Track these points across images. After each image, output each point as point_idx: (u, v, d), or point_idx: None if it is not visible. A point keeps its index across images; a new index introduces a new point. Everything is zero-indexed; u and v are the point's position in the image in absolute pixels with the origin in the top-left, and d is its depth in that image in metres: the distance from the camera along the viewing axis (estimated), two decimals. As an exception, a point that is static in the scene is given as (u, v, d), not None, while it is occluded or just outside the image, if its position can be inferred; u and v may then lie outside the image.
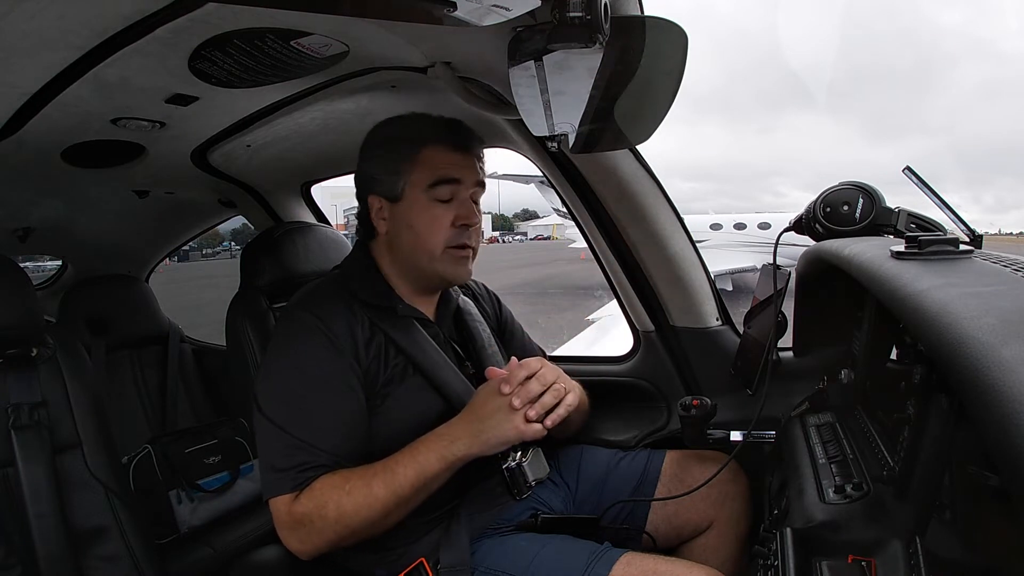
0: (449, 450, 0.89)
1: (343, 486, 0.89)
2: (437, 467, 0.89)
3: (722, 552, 1.09)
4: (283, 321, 1.07)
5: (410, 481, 0.88)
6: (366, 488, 0.88)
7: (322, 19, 0.85)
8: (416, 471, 0.88)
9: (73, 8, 0.76)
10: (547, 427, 0.93)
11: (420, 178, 1.00)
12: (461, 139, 1.02)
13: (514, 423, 0.89)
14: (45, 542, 1.05)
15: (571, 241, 17.28)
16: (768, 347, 1.09)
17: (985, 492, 0.53)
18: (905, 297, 0.57)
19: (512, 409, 0.89)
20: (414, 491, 0.89)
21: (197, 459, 1.75)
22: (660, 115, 0.87)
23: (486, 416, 0.91)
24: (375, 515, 0.88)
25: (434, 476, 0.89)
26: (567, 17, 0.65)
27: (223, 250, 22.66)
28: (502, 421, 0.89)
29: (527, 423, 0.89)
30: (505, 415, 0.89)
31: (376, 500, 0.88)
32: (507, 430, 0.89)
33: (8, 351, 1.11)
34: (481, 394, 0.94)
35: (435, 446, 0.90)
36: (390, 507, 0.88)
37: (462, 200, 1.00)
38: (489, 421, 0.90)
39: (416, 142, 1.00)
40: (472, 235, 1.02)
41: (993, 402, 0.37)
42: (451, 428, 0.92)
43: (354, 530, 0.89)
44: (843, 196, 1.01)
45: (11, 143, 1.14)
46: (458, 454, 0.89)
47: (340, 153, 1.54)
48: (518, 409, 0.89)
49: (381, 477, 0.89)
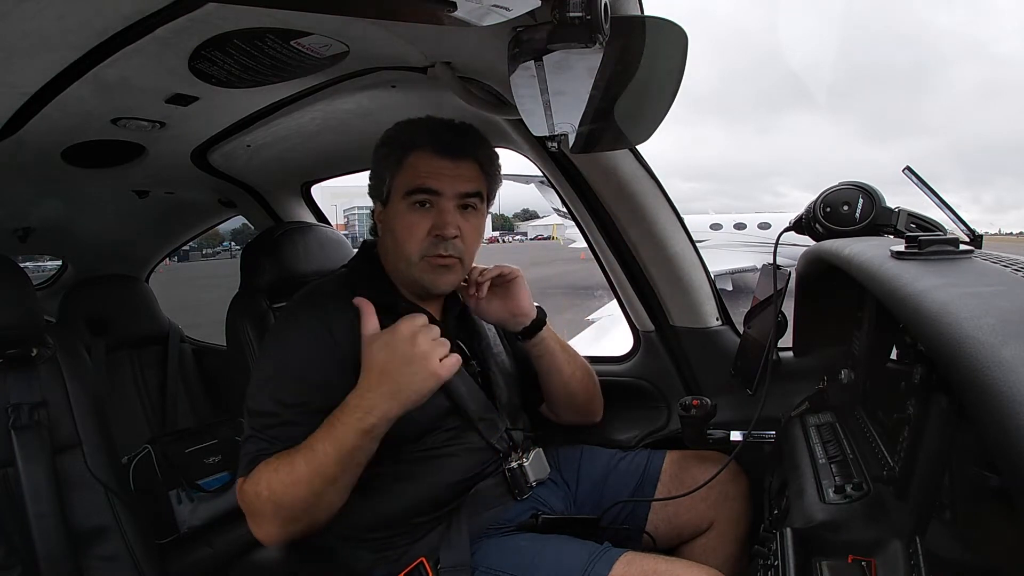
0: (366, 420, 0.85)
1: (272, 464, 0.88)
2: (356, 440, 0.85)
3: (722, 552, 1.09)
4: (282, 316, 1.07)
5: (331, 458, 0.85)
6: (289, 467, 0.86)
7: (322, 19, 0.85)
8: (335, 447, 0.85)
9: (73, 8, 0.76)
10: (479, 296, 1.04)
11: (400, 185, 1.00)
12: (452, 144, 1.00)
13: (428, 368, 0.85)
14: (45, 542, 1.05)
15: (571, 241, 17.27)
16: (768, 347, 1.09)
17: (985, 492, 0.53)
18: (905, 297, 0.57)
19: (416, 353, 0.85)
20: (339, 467, 0.86)
21: (197, 459, 1.75)
22: (660, 115, 0.87)
23: (394, 371, 0.86)
24: (303, 493, 0.86)
25: (356, 448, 0.86)
26: (567, 17, 0.65)
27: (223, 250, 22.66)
28: (415, 372, 0.85)
29: (441, 362, 0.86)
30: (413, 364, 0.85)
31: (300, 478, 0.86)
32: (425, 379, 0.86)
33: (8, 351, 1.11)
34: (380, 347, 0.88)
35: (349, 420, 0.86)
36: (316, 485, 0.86)
37: (441, 209, 0.98)
38: (400, 376, 0.85)
39: (405, 147, 1.00)
40: (451, 246, 0.99)
41: (993, 402, 0.37)
42: (362, 398, 0.86)
43: (291, 511, 0.88)
44: (843, 196, 1.01)
45: (11, 143, 1.14)
46: (375, 421, 0.85)
47: (340, 153, 1.54)
48: (426, 349, 0.85)
49: (303, 455, 0.86)
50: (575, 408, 1.21)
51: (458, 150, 1.00)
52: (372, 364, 0.88)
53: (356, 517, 0.98)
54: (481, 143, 1.04)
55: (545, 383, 1.17)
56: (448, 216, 0.98)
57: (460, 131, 1.03)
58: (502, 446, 1.05)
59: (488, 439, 1.04)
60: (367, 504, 0.98)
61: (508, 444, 1.07)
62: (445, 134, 1.01)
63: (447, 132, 1.01)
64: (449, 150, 0.99)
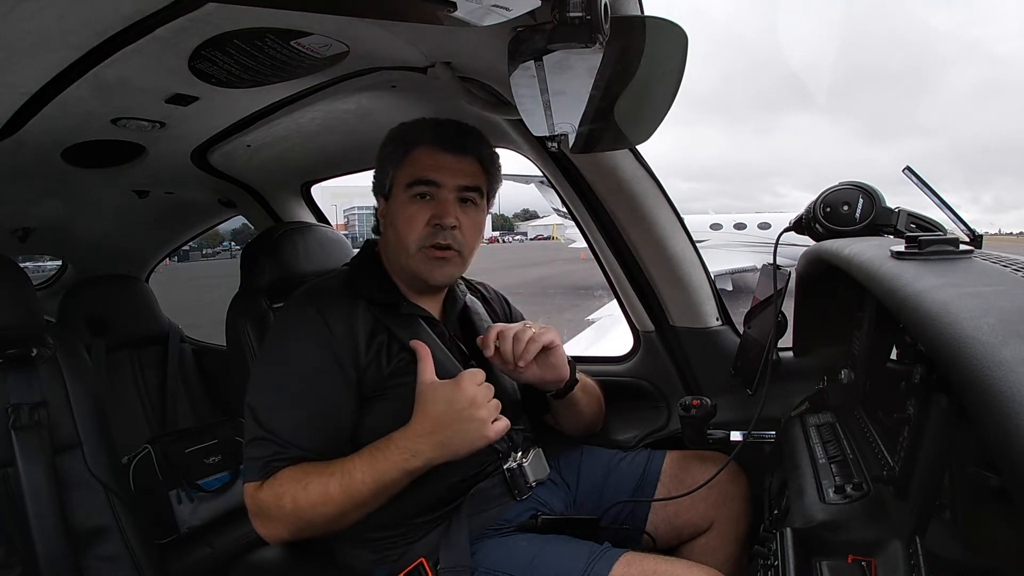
0: (411, 463, 0.88)
1: (301, 481, 0.89)
2: (397, 477, 0.88)
3: (722, 552, 1.09)
4: (282, 314, 1.08)
5: (368, 487, 0.88)
6: (322, 487, 0.88)
7: (322, 19, 0.85)
8: (374, 479, 0.88)
9: (73, 8, 0.76)
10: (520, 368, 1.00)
11: (402, 177, 1.02)
12: (453, 140, 1.02)
13: (481, 431, 0.88)
14: (45, 542, 1.05)
15: (571, 241, 17.27)
16: (768, 347, 1.09)
17: (985, 492, 0.53)
18: (905, 297, 0.57)
19: (474, 415, 0.88)
20: (372, 496, 0.88)
21: (197, 459, 1.75)
22: (660, 115, 0.87)
23: (448, 425, 0.88)
24: (330, 513, 0.88)
25: (393, 483, 0.89)
26: (567, 17, 0.65)
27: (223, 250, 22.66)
28: (468, 430, 0.88)
29: (492, 424, 0.89)
30: (469, 423, 0.88)
31: (331, 500, 0.88)
32: (474, 439, 0.88)
33: (8, 351, 1.11)
34: (439, 399, 0.90)
35: (394, 458, 0.88)
36: (346, 509, 0.88)
37: (441, 200, 1.00)
38: (453, 431, 0.88)
39: (408, 143, 1.02)
40: (450, 236, 1.00)
41: (993, 402, 0.37)
42: (411, 440, 0.89)
43: (311, 524, 0.90)
44: (843, 196, 1.01)
45: (11, 143, 1.14)
46: (420, 465, 0.88)
47: (340, 153, 1.54)
48: (484, 416, 0.88)
49: (338, 479, 0.88)
50: (582, 429, 1.23)
51: (460, 146, 1.02)
52: (428, 412, 0.89)
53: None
54: (483, 143, 1.06)
55: (559, 415, 1.19)
56: (448, 206, 1.00)
57: (463, 130, 1.04)
58: (502, 446, 1.05)
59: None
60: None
61: (508, 444, 1.07)
62: (448, 131, 1.03)
63: (450, 129, 1.03)
64: (451, 145, 1.01)
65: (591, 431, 1.24)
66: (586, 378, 1.19)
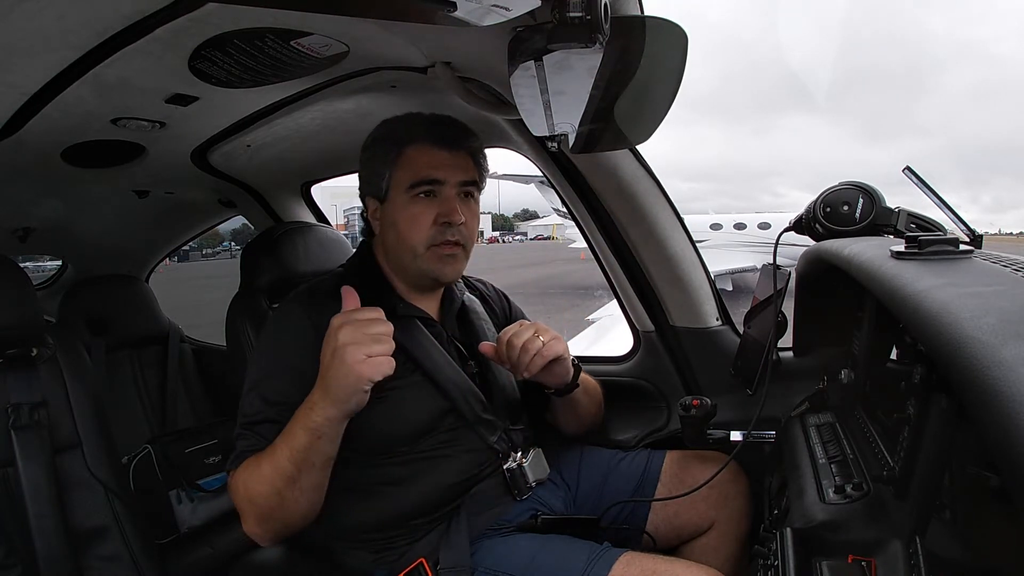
0: (309, 417, 0.84)
1: (247, 464, 0.90)
2: (305, 439, 0.84)
3: (722, 552, 1.09)
4: (275, 313, 1.08)
5: (286, 457, 0.85)
6: (257, 465, 0.88)
7: (322, 19, 0.85)
8: (289, 446, 0.85)
9: (73, 8, 0.76)
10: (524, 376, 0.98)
11: (401, 178, 1.00)
12: (446, 136, 1.01)
13: (353, 371, 0.81)
14: (45, 542, 1.05)
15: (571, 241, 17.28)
16: (768, 347, 1.09)
17: (985, 492, 0.53)
18: (905, 297, 0.57)
19: (344, 355, 0.81)
20: (294, 466, 0.85)
21: (197, 459, 1.75)
22: (660, 115, 0.87)
23: (327, 368, 0.83)
24: (266, 491, 0.87)
25: (307, 448, 0.84)
26: (567, 17, 0.65)
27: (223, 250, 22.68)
28: (339, 366, 0.82)
29: (366, 360, 0.81)
30: (341, 364, 0.81)
31: (264, 476, 0.87)
32: (345, 374, 0.82)
33: (8, 351, 1.11)
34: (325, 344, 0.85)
35: (299, 417, 0.85)
36: (277, 484, 0.86)
37: (445, 198, 1.00)
38: (331, 374, 0.82)
39: (399, 142, 1.01)
40: (457, 232, 1.00)
41: (993, 402, 0.37)
42: (310, 396, 0.86)
43: (262, 509, 0.89)
44: (843, 196, 1.01)
45: (11, 143, 1.14)
46: (319, 421, 0.84)
47: (340, 153, 1.54)
48: (345, 341, 0.81)
49: (266, 453, 0.88)
50: (582, 428, 1.23)
51: (453, 141, 1.02)
52: (322, 360, 0.86)
53: (356, 518, 0.98)
54: (471, 135, 1.05)
55: (559, 413, 1.19)
56: (453, 203, 1.00)
57: (451, 124, 1.04)
58: (501, 446, 1.05)
59: (487, 439, 1.04)
60: (367, 505, 0.98)
61: (507, 444, 1.07)
62: (438, 127, 1.02)
63: (440, 125, 1.03)
64: (445, 142, 1.01)
65: (589, 431, 1.24)
66: (589, 379, 1.19)
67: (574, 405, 1.15)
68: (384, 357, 0.83)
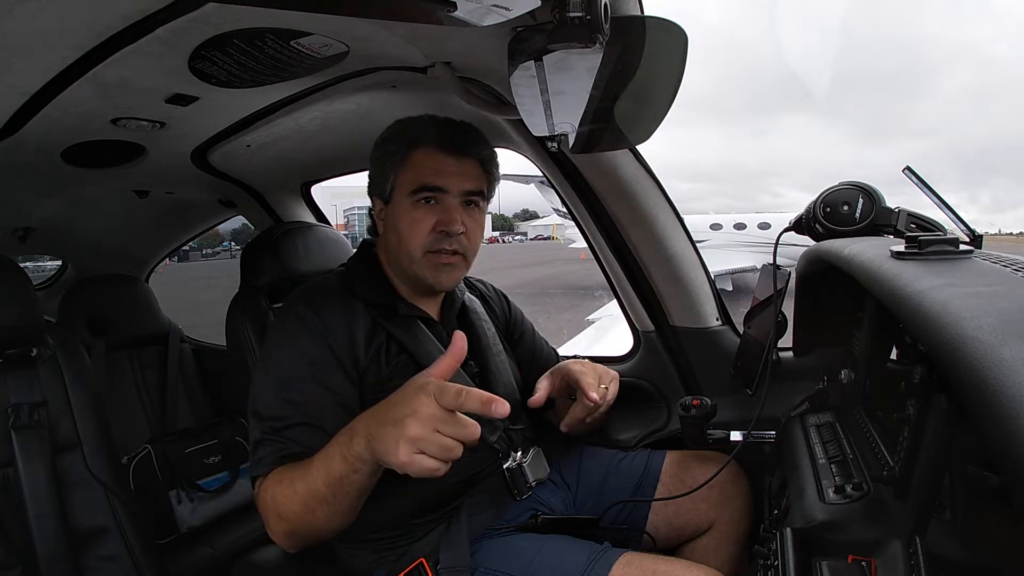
0: (348, 448, 0.78)
1: (280, 476, 0.87)
2: (340, 467, 0.79)
3: (722, 552, 1.09)
4: (280, 314, 1.08)
5: (322, 479, 0.81)
6: (290, 481, 0.85)
7: (322, 19, 0.85)
8: (324, 469, 0.81)
9: (73, 8, 0.76)
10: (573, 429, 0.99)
11: (405, 181, 1.00)
12: (455, 142, 1.00)
13: (399, 449, 0.71)
14: (45, 542, 1.05)
15: (571, 241, 17.28)
16: (768, 347, 1.09)
17: (985, 492, 0.53)
18: (905, 297, 0.57)
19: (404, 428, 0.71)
20: (328, 490, 0.81)
21: (197, 459, 1.76)
22: (660, 115, 0.87)
23: (384, 417, 0.75)
24: (298, 508, 0.84)
25: (342, 476, 0.79)
26: (567, 17, 0.65)
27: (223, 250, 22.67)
28: (390, 439, 0.72)
29: (415, 456, 0.71)
30: (393, 429, 0.72)
31: (296, 495, 0.84)
32: (390, 452, 0.72)
33: (8, 351, 1.11)
34: (401, 390, 0.76)
35: (338, 441, 0.81)
36: (311, 503, 0.83)
37: (446, 206, 0.99)
38: (385, 428, 0.74)
39: (408, 144, 1.00)
40: (456, 241, 0.99)
41: (993, 402, 0.37)
42: (357, 421, 0.80)
43: (291, 523, 0.86)
44: (843, 196, 1.01)
45: (11, 143, 1.14)
46: (356, 453, 0.77)
47: (340, 153, 1.54)
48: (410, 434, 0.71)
49: (301, 472, 0.84)
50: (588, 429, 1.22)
51: (462, 148, 1.00)
52: (391, 397, 0.77)
53: (356, 518, 0.98)
54: (483, 142, 1.04)
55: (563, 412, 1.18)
56: (454, 212, 0.99)
57: (463, 129, 1.03)
58: (501, 446, 1.05)
59: (486, 439, 1.04)
60: (367, 506, 0.97)
61: (507, 444, 1.07)
62: (449, 131, 1.01)
63: (451, 129, 1.01)
64: (453, 147, 1.00)
65: (592, 430, 1.24)
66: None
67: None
68: (437, 464, 0.72)
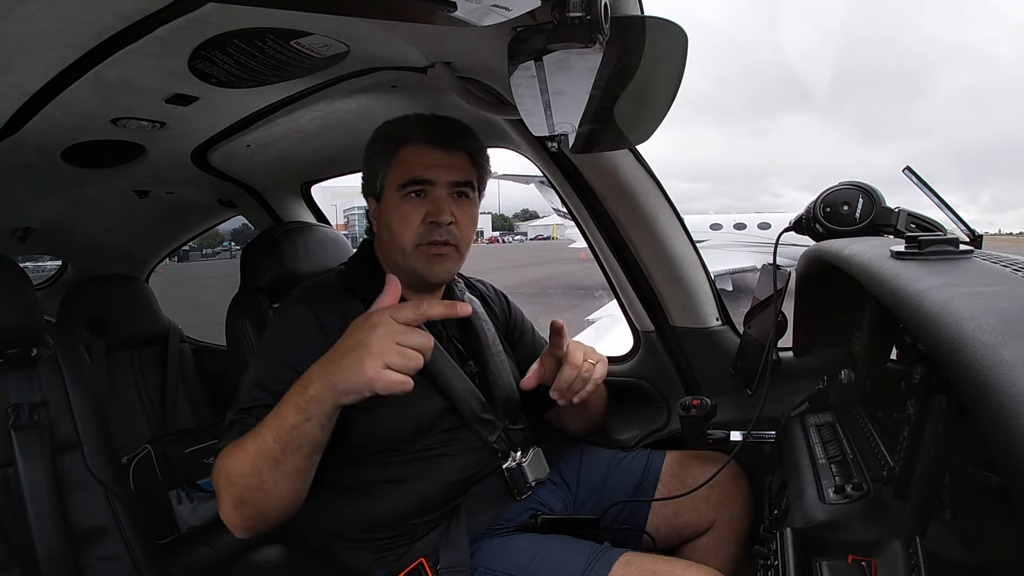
0: (302, 396, 0.78)
1: (235, 443, 0.85)
2: (293, 416, 0.78)
3: (722, 552, 1.09)
4: (279, 311, 1.08)
5: (272, 435, 0.79)
6: (240, 444, 0.83)
7: (322, 19, 0.85)
8: (276, 425, 0.79)
9: (73, 8, 0.76)
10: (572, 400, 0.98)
11: (394, 178, 1.01)
12: (441, 136, 1.01)
13: (364, 366, 0.74)
14: (45, 542, 1.05)
15: (571, 241, 17.28)
16: (768, 347, 1.09)
17: (985, 492, 0.53)
18: (905, 297, 0.57)
19: (366, 350, 0.74)
20: (278, 446, 0.79)
21: (197, 459, 1.76)
22: (660, 115, 0.87)
23: (343, 353, 0.77)
24: (246, 470, 0.81)
25: (294, 427, 0.78)
26: (567, 17, 0.65)
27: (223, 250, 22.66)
28: (353, 361, 0.75)
29: (382, 371, 0.74)
30: (360, 354, 0.75)
31: (246, 455, 0.81)
32: (355, 373, 0.75)
33: (8, 351, 1.11)
34: (354, 326, 0.78)
35: (292, 392, 0.80)
36: (259, 464, 0.80)
37: (434, 198, 1.00)
38: (343, 360, 0.76)
39: (395, 142, 1.02)
40: (447, 232, 0.99)
41: (993, 402, 0.37)
42: (309, 372, 0.80)
43: (239, 491, 0.83)
44: (843, 196, 1.01)
45: (11, 143, 1.14)
46: (309, 399, 0.78)
47: (340, 153, 1.54)
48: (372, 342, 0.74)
49: (253, 434, 0.82)
50: (588, 428, 1.23)
51: (448, 141, 1.02)
52: (342, 338, 0.80)
53: (356, 518, 0.98)
54: (470, 135, 1.05)
55: (565, 413, 1.18)
56: (442, 203, 0.99)
57: (449, 124, 1.04)
58: (500, 446, 1.05)
59: (486, 439, 1.04)
60: (366, 505, 0.98)
61: (506, 444, 1.07)
62: (435, 127, 1.02)
63: (437, 125, 1.03)
64: (440, 141, 1.01)
65: (593, 430, 1.24)
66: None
67: (584, 406, 1.14)
68: (403, 377, 0.76)
